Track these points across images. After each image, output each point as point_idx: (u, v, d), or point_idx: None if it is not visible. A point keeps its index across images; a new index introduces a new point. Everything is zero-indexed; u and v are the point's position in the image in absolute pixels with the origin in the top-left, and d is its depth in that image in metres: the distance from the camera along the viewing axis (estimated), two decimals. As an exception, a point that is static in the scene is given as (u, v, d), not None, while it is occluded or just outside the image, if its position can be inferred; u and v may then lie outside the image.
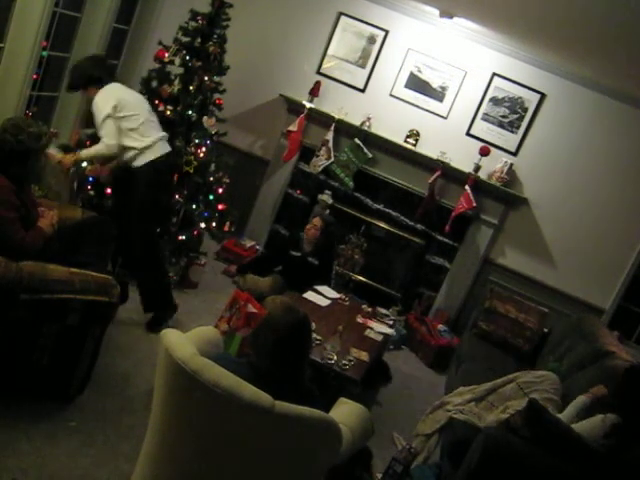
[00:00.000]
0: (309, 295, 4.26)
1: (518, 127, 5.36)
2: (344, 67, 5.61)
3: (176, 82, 4.47)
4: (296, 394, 1.97)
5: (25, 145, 2.73)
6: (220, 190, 4.91)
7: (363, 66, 5.57)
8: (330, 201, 5.59)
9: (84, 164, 4.41)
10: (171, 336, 2.01)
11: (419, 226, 5.61)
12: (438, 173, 5.33)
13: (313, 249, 4.66)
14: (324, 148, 5.56)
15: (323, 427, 1.94)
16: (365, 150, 5.48)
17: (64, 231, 3.08)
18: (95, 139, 3.74)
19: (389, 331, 4.26)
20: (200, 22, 4.51)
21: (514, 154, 5.38)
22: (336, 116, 5.49)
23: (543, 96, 5.27)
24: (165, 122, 4.42)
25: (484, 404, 3.41)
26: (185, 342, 2.00)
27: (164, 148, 3.79)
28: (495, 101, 5.38)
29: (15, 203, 2.75)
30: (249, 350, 2.10)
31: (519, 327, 4.73)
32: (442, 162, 5.31)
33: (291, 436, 1.93)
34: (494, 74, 5.34)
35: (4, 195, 2.70)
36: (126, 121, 3.58)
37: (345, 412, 2.39)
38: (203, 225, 4.78)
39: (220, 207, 4.94)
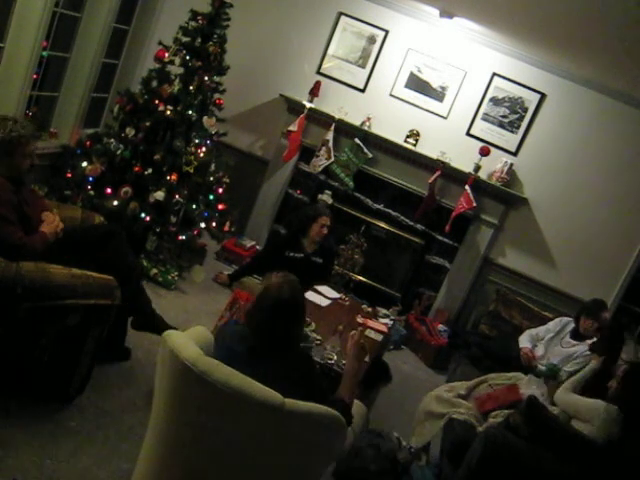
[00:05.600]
0: (309, 295, 4.25)
1: (518, 127, 5.36)
2: (344, 67, 5.61)
3: (176, 82, 4.47)
4: (287, 368, 2.11)
5: None
6: (220, 190, 4.92)
7: (363, 66, 5.57)
8: (330, 201, 5.59)
9: (84, 164, 4.43)
10: (176, 337, 2.02)
11: (419, 226, 5.61)
12: (438, 173, 5.33)
13: (317, 248, 4.51)
14: (324, 148, 5.56)
15: (330, 423, 1.97)
16: (365, 150, 5.47)
17: (66, 235, 3.06)
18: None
19: (382, 327, 4.22)
20: (200, 22, 4.52)
21: (514, 154, 5.38)
22: (336, 116, 5.49)
23: (543, 96, 5.27)
24: (165, 122, 4.44)
25: None
26: (190, 343, 2.01)
27: None
28: (495, 101, 5.38)
29: (14, 202, 2.75)
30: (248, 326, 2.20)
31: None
32: (442, 162, 5.31)
33: (299, 432, 1.95)
34: (494, 74, 5.34)
35: (3, 194, 2.69)
36: None
37: None
38: (203, 225, 4.79)
39: (220, 207, 4.95)
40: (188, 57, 4.49)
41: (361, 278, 5.61)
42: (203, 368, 1.87)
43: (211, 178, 4.80)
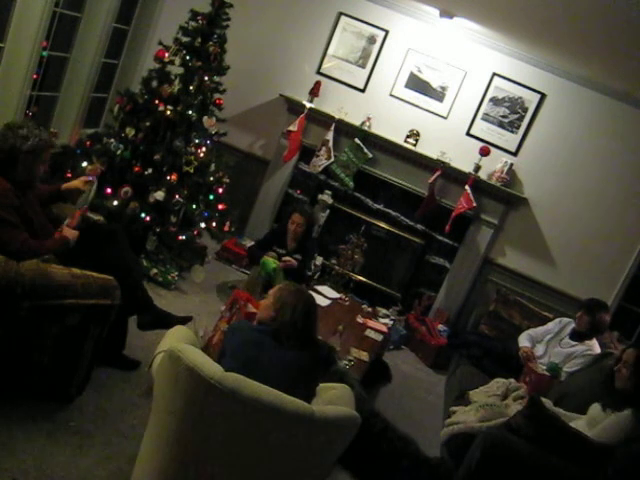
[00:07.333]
0: (309, 295, 4.26)
1: (518, 127, 5.36)
2: (344, 67, 5.61)
3: (176, 82, 4.47)
4: (316, 352, 2.42)
5: (9, 144, 2.71)
6: (220, 190, 4.92)
7: (363, 66, 5.57)
8: (330, 201, 5.59)
9: (84, 164, 4.43)
10: (192, 355, 1.98)
11: (419, 226, 5.61)
12: (438, 173, 5.33)
13: (297, 245, 4.64)
14: (324, 148, 5.56)
15: (353, 424, 2.04)
16: (365, 150, 5.47)
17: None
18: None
19: (382, 327, 4.24)
20: (200, 22, 4.51)
21: (514, 154, 5.38)
22: (336, 116, 5.49)
23: (543, 96, 5.27)
24: (165, 122, 4.44)
25: None
26: (207, 359, 1.99)
27: None
28: (495, 101, 5.38)
29: (16, 206, 2.74)
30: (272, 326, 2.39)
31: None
32: (442, 162, 5.31)
33: (326, 436, 2.00)
34: (494, 74, 5.34)
35: (4, 199, 2.69)
36: None
37: (340, 399, 2.42)
38: (203, 225, 4.79)
39: (220, 207, 4.95)
40: (188, 57, 4.49)
41: (361, 278, 5.61)
42: (231, 386, 1.86)
43: (211, 178, 4.80)
